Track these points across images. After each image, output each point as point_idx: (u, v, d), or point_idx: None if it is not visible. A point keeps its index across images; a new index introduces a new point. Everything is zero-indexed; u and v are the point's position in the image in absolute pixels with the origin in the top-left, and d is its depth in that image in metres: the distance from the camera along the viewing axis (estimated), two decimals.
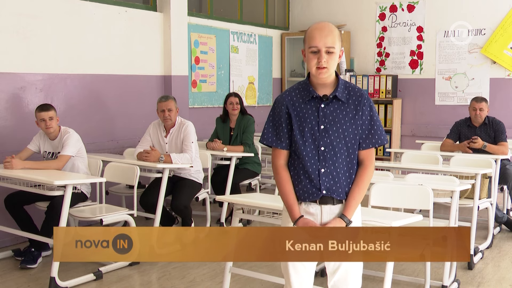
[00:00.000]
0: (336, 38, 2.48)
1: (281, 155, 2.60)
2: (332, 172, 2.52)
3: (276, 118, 2.59)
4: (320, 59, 2.46)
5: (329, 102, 2.52)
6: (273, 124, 2.60)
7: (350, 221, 2.52)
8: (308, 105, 2.54)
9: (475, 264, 4.66)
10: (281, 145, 2.58)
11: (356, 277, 2.62)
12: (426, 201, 3.73)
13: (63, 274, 4.21)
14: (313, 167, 2.52)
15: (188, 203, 5.16)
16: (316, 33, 2.47)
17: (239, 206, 3.44)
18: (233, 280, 3.89)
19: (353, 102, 2.53)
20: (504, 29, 7.29)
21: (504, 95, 7.40)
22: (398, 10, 8.02)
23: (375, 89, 7.94)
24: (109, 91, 5.99)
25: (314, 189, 2.52)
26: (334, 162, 2.51)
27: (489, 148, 5.60)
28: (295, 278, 2.60)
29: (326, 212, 2.54)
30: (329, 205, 2.54)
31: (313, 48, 2.47)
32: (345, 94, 2.53)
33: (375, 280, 4.28)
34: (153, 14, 6.45)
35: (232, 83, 7.58)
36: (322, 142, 2.51)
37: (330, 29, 2.49)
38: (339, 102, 2.53)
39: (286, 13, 8.84)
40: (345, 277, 2.59)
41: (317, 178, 2.51)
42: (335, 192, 2.53)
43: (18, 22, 5.11)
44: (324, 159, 2.51)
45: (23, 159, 4.67)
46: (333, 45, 2.46)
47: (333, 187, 2.52)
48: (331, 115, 2.51)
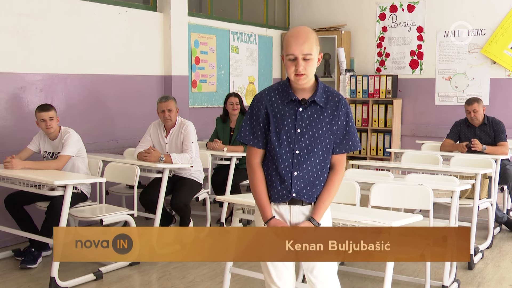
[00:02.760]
0: (313, 44, 2.48)
1: (257, 154, 2.62)
2: (304, 176, 2.54)
3: (254, 117, 2.60)
4: (297, 67, 2.47)
5: (307, 106, 2.54)
6: (251, 122, 2.62)
7: (318, 224, 2.56)
8: (286, 107, 2.55)
9: (475, 264, 4.66)
10: (257, 144, 2.60)
11: (331, 273, 2.65)
12: (426, 201, 3.73)
13: (63, 274, 4.21)
14: (286, 170, 2.54)
15: (188, 202, 5.16)
16: (292, 40, 2.48)
17: (239, 206, 3.44)
18: (233, 280, 3.89)
19: (330, 107, 2.55)
20: (504, 29, 7.29)
21: (504, 95, 7.40)
22: (398, 10, 8.02)
23: (375, 89, 7.93)
24: (109, 91, 5.99)
25: (285, 191, 2.55)
26: (307, 166, 2.54)
27: (489, 150, 5.60)
28: (276, 276, 2.63)
29: (295, 212, 2.58)
30: (298, 205, 2.58)
31: (290, 56, 2.48)
32: (323, 98, 2.55)
33: (375, 280, 4.28)
34: (153, 14, 6.45)
35: (232, 83, 7.58)
36: (298, 146, 2.53)
37: (306, 36, 2.48)
38: (317, 106, 2.54)
39: (286, 13, 8.84)
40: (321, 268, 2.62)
41: (289, 181, 2.54)
42: (305, 195, 2.56)
43: (18, 22, 5.11)
44: (298, 162, 2.53)
45: (23, 159, 4.67)
46: (310, 52, 2.47)
47: (303, 190, 2.55)
48: (308, 119, 2.53)
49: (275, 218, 2.57)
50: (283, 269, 2.64)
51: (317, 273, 2.62)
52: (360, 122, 8.05)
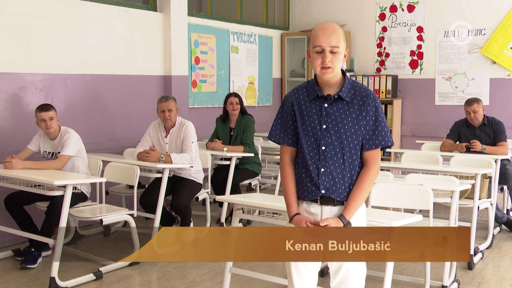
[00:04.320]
0: (340, 37, 2.48)
1: (287, 152, 2.62)
2: (332, 172, 2.51)
3: (284, 115, 2.62)
4: (324, 59, 2.45)
5: (332, 102, 2.52)
6: (281, 121, 2.63)
7: (348, 222, 2.49)
8: (313, 104, 2.54)
9: (475, 264, 4.66)
10: (287, 142, 2.61)
11: (358, 278, 2.60)
12: (426, 201, 3.73)
13: (63, 274, 4.21)
14: (313, 166, 2.52)
15: (188, 203, 5.16)
16: (320, 32, 2.47)
17: (239, 206, 3.44)
18: (233, 280, 3.89)
19: (357, 102, 2.52)
20: (504, 29, 7.29)
21: (504, 95, 7.40)
22: (398, 10, 8.02)
23: (375, 89, 7.93)
24: (109, 91, 5.99)
25: (314, 188, 2.53)
26: (334, 162, 2.51)
27: (489, 150, 5.59)
28: (297, 279, 2.60)
29: (326, 212, 2.54)
30: (330, 206, 2.54)
31: (317, 47, 2.46)
32: (350, 94, 2.52)
33: (375, 280, 4.28)
34: (153, 14, 6.45)
35: (232, 83, 7.58)
36: (323, 142, 2.51)
37: (334, 29, 2.48)
38: (343, 102, 2.52)
39: (286, 13, 8.84)
40: (347, 278, 2.57)
41: (316, 177, 2.52)
42: (334, 192, 2.52)
43: (18, 22, 5.11)
44: (324, 158, 2.51)
45: (23, 159, 4.67)
46: (338, 45, 2.46)
47: (332, 187, 2.52)
48: (334, 115, 2.51)
49: (300, 214, 2.54)
50: (305, 274, 2.59)
51: (345, 277, 2.56)
52: None
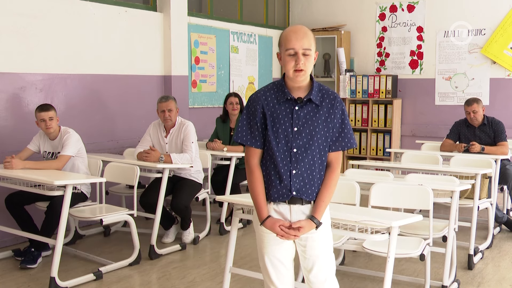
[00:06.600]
0: (311, 40, 2.52)
1: (255, 154, 2.62)
2: (303, 174, 2.55)
3: (251, 117, 2.61)
4: (298, 62, 2.48)
5: (303, 105, 2.55)
6: (247, 122, 2.62)
7: (320, 222, 2.57)
8: (283, 106, 2.56)
9: (475, 264, 4.66)
10: (255, 144, 2.60)
11: (330, 262, 2.66)
12: (426, 201, 3.73)
13: (63, 274, 4.21)
14: (285, 168, 2.55)
15: (188, 203, 5.16)
16: (292, 35, 2.50)
17: (239, 206, 3.43)
18: (233, 280, 3.89)
19: (326, 105, 2.57)
20: (504, 29, 7.29)
21: (504, 95, 7.40)
22: (398, 10, 8.02)
23: (375, 89, 7.94)
24: (109, 91, 5.99)
25: (285, 190, 2.56)
26: (305, 164, 2.55)
27: (488, 150, 5.60)
28: (275, 275, 2.65)
29: (295, 211, 2.58)
30: (298, 204, 2.58)
31: (290, 50, 2.49)
32: (319, 97, 2.57)
33: (375, 280, 4.28)
34: (153, 14, 6.45)
35: (232, 83, 7.58)
36: (295, 144, 2.54)
37: (305, 32, 2.52)
38: (312, 105, 2.56)
39: (286, 13, 8.84)
40: (319, 267, 2.63)
41: (288, 179, 2.54)
42: (304, 193, 2.56)
43: (18, 22, 5.11)
44: (296, 160, 2.54)
45: (23, 159, 4.67)
46: (309, 47, 2.50)
47: (303, 188, 2.56)
48: (305, 118, 2.55)
49: (272, 217, 2.58)
50: (282, 269, 2.65)
51: (316, 273, 2.63)
52: (360, 122, 8.05)
